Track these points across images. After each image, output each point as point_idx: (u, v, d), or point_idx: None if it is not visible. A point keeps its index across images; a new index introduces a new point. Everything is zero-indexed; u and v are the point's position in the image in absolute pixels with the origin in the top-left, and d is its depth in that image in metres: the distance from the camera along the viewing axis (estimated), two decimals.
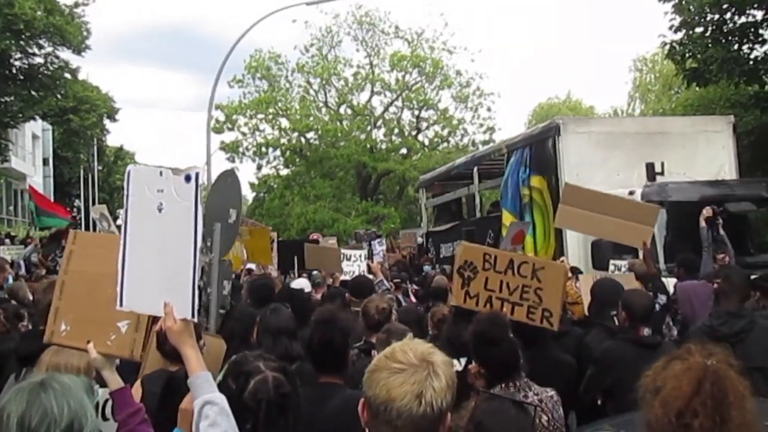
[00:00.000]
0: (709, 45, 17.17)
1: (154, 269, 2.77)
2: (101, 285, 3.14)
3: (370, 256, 13.58)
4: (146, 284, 2.78)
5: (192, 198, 2.70)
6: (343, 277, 10.21)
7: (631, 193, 10.16)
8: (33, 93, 27.30)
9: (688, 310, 7.50)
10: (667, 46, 18.14)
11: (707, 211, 8.79)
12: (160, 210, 2.75)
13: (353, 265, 10.88)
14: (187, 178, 2.72)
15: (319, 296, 8.97)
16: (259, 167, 45.71)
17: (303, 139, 44.56)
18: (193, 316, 2.70)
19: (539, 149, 12.34)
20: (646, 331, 5.06)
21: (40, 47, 26.94)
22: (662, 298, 6.63)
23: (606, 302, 5.88)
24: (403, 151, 45.30)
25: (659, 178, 10.66)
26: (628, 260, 8.46)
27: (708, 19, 17.44)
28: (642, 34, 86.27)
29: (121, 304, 2.83)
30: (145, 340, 3.20)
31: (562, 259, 8.52)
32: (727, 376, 2.01)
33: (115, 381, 3.01)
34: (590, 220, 7.36)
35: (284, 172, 46.59)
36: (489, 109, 44.76)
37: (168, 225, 2.74)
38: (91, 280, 3.24)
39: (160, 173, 2.77)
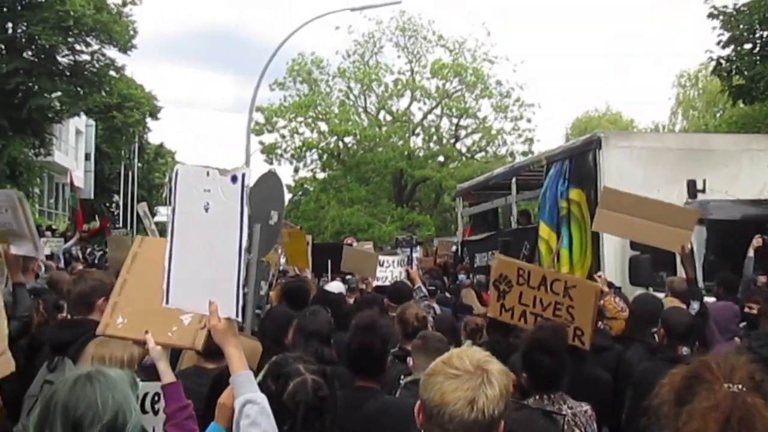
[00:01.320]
0: (757, 62, 16.96)
1: (199, 268, 2.80)
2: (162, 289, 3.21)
3: (409, 262, 13.58)
4: (192, 283, 2.81)
5: (238, 198, 2.72)
6: (376, 283, 10.22)
7: None
8: (78, 89, 27.73)
9: (711, 331, 7.40)
10: (714, 62, 17.95)
11: (757, 241, 8.61)
12: (206, 209, 2.77)
13: (386, 270, 10.89)
14: (234, 179, 2.73)
15: (351, 300, 8.99)
16: (296, 170, 46.05)
17: (341, 143, 44.73)
18: (237, 315, 2.73)
19: (579, 162, 12.23)
20: (684, 350, 5.00)
21: (88, 44, 27.38)
22: (695, 306, 6.51)
23: (646, 319, 5.82)
24: (441, 158, 45.26)
25: (700, 196, 10.50)
26: (667, 278, 8.36)
27: (757, 35, 17.24)
28: (685, 49, 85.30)
29: (167, 302, 2.86)
30: (207, 336, 3.22)
31: (599, 274, 8.43)
32: (755, 410, 1.94)
33: (168, 374, 3.03)
34: (628, 223, 7.25)
35: (321, 175, 46.83)
36: (529, 120, 44.65)
37: (214, 224, 2.76)
38: (153, 277, 3.24)
39: (207, 173, 2.79)
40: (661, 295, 7.18)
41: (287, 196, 47.53)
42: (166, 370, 3.04)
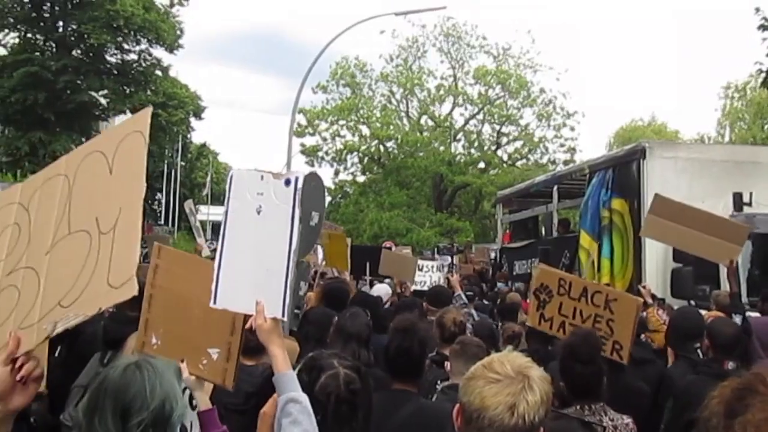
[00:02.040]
0: None
1: (249, 269, 2.83)
2: (189, 306, 3.22)
3: (450, 269, 13.58)
4: (240, 284, 2.84)
5: (291, 201, 2.77)
6: (415, 287, 10.22)
7: None
8: (124, 87, 28.20)
9: (757, 344, 7.26)
10: (763, 74, 17.66)
11: None
12: (258, 212, 2.82)
13: (425, 275, 10.89)
14: (287, 182, 2.78)
15: (388, 304, 9.00)
16: (337, 172, 46.18)
17: (382, 147, 44.79)
18: (283, 315, 2.76)
19: (623, 172, 12.12)
20: (731, 365, 4.90)
21: (137, 43, 27.83)
22: (737, 320, 6.40)
23: (687, 334, 5.71)
24: (481, 165, 45.10)
25: (746, 209, 10.32)
26: (712, 292, 8.23)
27: None
28: (732, 60, 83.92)
29: (214, 302, 2.88)
30: (236, 372, 3.23)
31: (643, 285, 8.33)
32: None
33: (204, 401, 3.07)
34: (677, 232, 7.19)
35: (361, 178, 46.94)
36: (572, 129, 44.30)
37: (266, 227, 2.80)
38: (178, 300, 3.30)
39: (261, 177, 2.84)
40: (703, 311, 7.07)
41: (327, 199, 47.80)
42: (202, 398, 3.07)
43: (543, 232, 17.82)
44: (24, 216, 2.84)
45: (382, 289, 10.11)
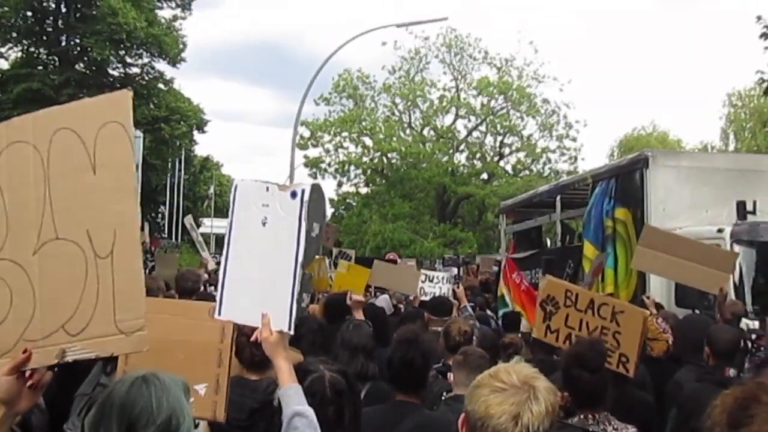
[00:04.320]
0: None
1: (254, 281, 2.82)
2: (170, 349, 3.20)
3: (457, 281, 13.54)
4: (245, 295, 2.84)
5: (297, 213, 2.78)
6: (423, 298, 10.16)
7: (720, 231, 9.87)
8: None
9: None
10: (765, 83, 17.64)
11: None
12: (264, 224, 2.82)
13: (435, 286, 10.82)
14: (294, 194, 2.79)
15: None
16: (340, 184, 46.25)
17: (385, 159, 44.83)
18: (289, 328, 2.76)
19: (626, 181, 12.09)
20: (731, 372, 4.90)
21: (139, 57, 27.93)
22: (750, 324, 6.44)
23: (696, 341, 5.66)
24: (485, 176, 45.12)
25: (750, 218, 10.30)
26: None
27: None
28: (735, 68, 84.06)
29: (219, 314, 2.89)
30: (226, 403, 3.23)
31: (647, 295, 8.35)
32: None
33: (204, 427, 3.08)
34: (668, 263, 7.41)
35: (364, 190, 46.98)
36: (574, 140, 44.31)
37: (271, 238, 2.80)
38: (158, 345, 3.21)
39: (267, 188, 2.85)
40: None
41: (330, 211, 47.81)
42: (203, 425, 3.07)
43: (546, 241, 17.80)
44: None
45: (382, 301, 10.07)
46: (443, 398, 4.60)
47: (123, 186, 2.52)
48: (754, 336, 6.86)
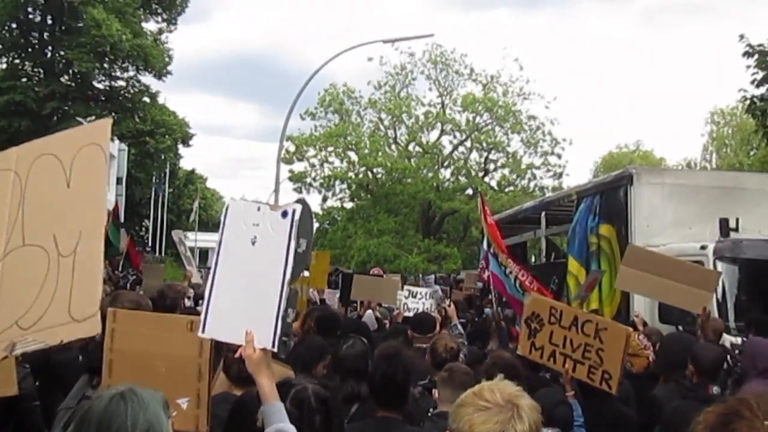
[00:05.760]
0: None
1: (240, 299, 2.83)
2: (151, 363, 3.22)
3: (445, 299, 13.58)
4: (231, 313, 2.84)
5: (287, 233, 2.79)
6: (406, 314, 10.16)
7: (703, 247, 9.94)
8: (112, 114, 28.18)
9: (750, 366, 7.29)
10: (748, 101, 17.79)
11: None
12: (253, 243, 2.83)
13: (418, 302, 10.82)
14: (284, 214, 2.80)
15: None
16: (325, 199, 46.12)
17: (370, 174, 44.87)
18: (273, 346, 2.76)
19: (610, 197, 12.17)
20: (714, 389, 4.93)
21: (124, 70, 27.82)
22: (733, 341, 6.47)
23: (679, 358, 5.67)
24: (469, 191, 45.21)
25: (733, 235, 10.39)
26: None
27: None
28: (718, 86, 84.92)
29: (203, 332, 2.89)
30: (208, 416, 3.23)
31: (637, 314, 8.43)
32: None
33: None
34: (651, 282, 7.47)
35: (349, 205, 46.92)
36: (559, 156, 44.51)
37: (260, 257, 2.81)
38: (140, 359, 3.28)
39: (258, 208, 2.87)
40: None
41: (315, 225, 47.68)
42: None
43: (531, 257, 17.86)
44: None
45: (367, 317, 10.06)
46: (429, 415, 4.58)
47: (93, 195, 2.60)
48: (736, 351, 6.89)
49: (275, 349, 2.78)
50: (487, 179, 46.03)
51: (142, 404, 2.28)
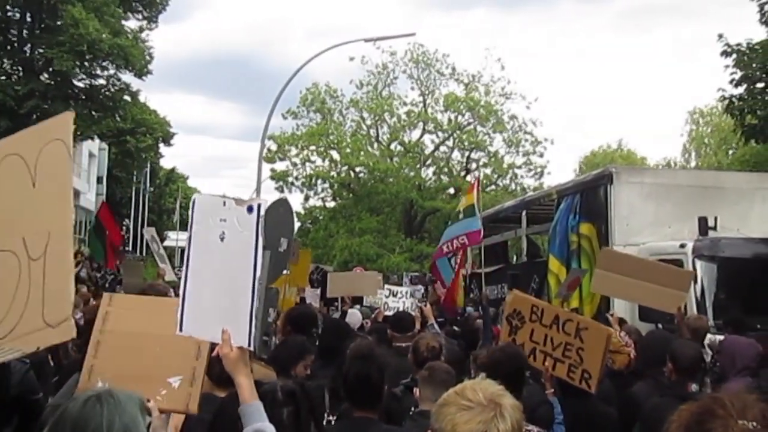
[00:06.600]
0: None
1: (213, 297, 2.81)
2: (145, 343, 3.21)
3: (423, 299, 13.59)
4: (206, 311, 2.82)
5: (253, 228, 2.74)
6: (387, 313, 10.16)
7: (682, 246, 10.02)
8: (93, 113, 27.92)
9: (729, 365, 7.34)
10: (727, 101, 17.89)
11: None
12: (222, 239, 2.79)
13: (398, 301, 10.83)
14: (250, 209, 2.76)
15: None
16: (307, 198, 46.01)
17: (352, 173, 44.82)
18: (249, 344, 2.74)
19: (590, 196, 12.24)
20: (693, 387, 4.96)
21: (104, 69, 27.58)
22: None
23: (658, 355, 5.70)
24: (451, 191, 45.25)
25: (712, 233, 10.47)
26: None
27: None
28: (698, 86, 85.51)
29: (180, 330, 2.87)
30: (200, 397, 3.22)
31: (611, 312, 8.45)
32: None
33: None
34: (626, 285, 7.54)
35: (331, 204, 46.84)
36: (541, 155, 44.65)
37: (229, 254, 2.78)
38: (132, 339, 3.26)
39: (224, 203, 2.82)
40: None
41: (296, 224, 47.56)
42: None
43: (512, 256, 17.90)
44: None
45: (354, 316, 10.05)
46: (411, 414, 4.58)
47: (59, 193, 2.59)
48: (713, 351, 6.94)
49: (251, 348, 2.76)
50: (468, 178, 46.07)
51: (118, 407, 2.26)
